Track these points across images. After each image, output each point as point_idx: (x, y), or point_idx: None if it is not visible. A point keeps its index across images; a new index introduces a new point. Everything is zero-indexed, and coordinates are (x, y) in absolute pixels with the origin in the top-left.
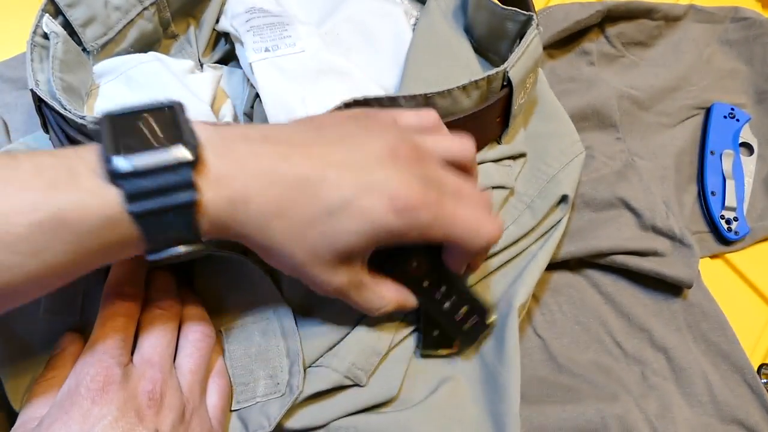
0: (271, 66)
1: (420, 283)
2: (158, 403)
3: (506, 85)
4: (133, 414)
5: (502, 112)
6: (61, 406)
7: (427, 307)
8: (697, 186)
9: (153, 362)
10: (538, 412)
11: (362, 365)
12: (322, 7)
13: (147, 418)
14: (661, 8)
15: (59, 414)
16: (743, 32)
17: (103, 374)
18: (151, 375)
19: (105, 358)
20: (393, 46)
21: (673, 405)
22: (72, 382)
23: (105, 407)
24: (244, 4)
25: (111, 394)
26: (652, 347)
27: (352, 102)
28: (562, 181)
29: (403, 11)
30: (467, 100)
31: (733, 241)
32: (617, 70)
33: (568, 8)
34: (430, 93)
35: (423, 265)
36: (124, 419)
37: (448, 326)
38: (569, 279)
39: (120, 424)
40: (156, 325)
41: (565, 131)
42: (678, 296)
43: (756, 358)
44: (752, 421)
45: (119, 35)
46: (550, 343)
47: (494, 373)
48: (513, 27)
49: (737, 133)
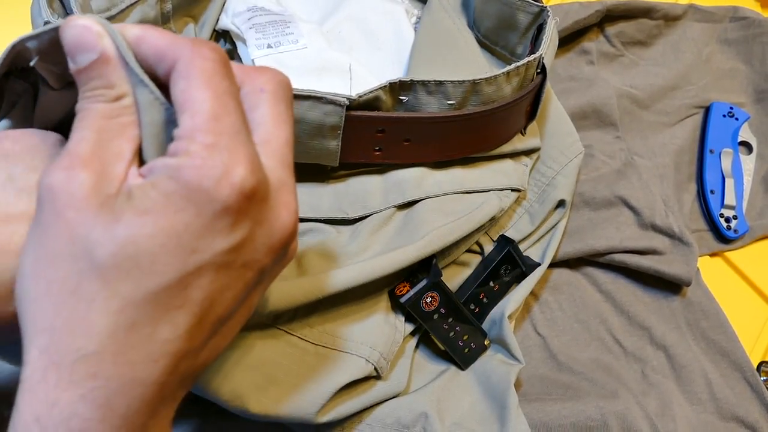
0: (274, 62)
1: (432, 316)
2: (285, 245)
3: (539, 72)
4: (265, 242)
5: (533, 101)
6: (168, 196)
7: (436, 335)
8: (697, 184)
9: (287, 182)
10: (539, 410)
11: (387, 355)
12: (324, 6)
13: (276, 252)
14: (660, 8)
15: (163, 207)
16: (742, 32)
17: (249, 172)
18: (288, 202)
19: (247, 149)
20: (394, 44)
21: (673, 402)
22: (190, 168)
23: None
24: (245, 2)
25: (253, 207)
26: (652, 345)
27: (397, 82)
28: (559, 185)
29: (404, 10)
30: (509, 86)
31: (733, 240)
32: (617, 69)
33: (568, 8)
34: (478, 79)
35: (435, 300)
36: (252, 245)
37: (452, 351)
38: (569, 277)
39: (245, 253)
40: (277, 106)
41: (564, 130)
42: (677, 294)
43: (755, 356)
44: (752, 418)
45: (121, 14)
46: (550, 341)
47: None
48: (525, 18)
49: (736, 132)
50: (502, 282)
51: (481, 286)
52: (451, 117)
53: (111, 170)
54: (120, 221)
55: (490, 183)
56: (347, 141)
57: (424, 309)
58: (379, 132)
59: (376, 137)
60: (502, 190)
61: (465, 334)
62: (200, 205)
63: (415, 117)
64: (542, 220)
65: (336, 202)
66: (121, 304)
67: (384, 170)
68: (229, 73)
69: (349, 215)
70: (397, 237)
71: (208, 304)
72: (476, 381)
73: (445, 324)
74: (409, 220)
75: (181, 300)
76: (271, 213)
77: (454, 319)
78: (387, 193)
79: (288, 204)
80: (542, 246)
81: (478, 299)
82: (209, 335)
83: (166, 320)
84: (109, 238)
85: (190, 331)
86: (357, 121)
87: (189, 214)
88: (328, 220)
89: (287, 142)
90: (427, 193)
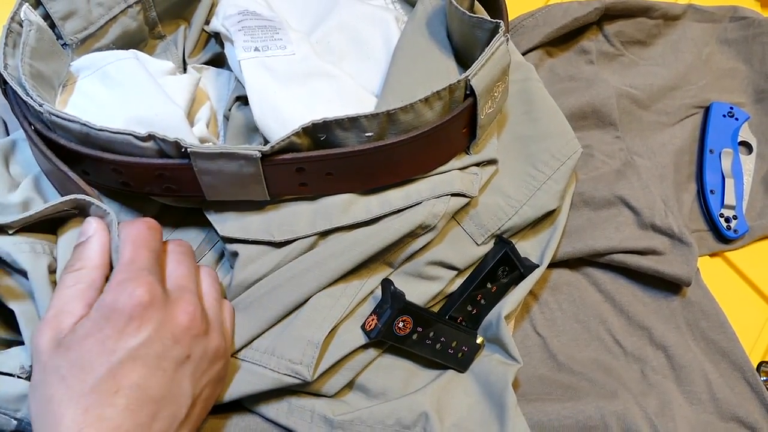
0: (260, 65)
1: (410, 338)
2: (197, 327)
3: (469, 95)
4: (169, 336)
5: (468, 122)
6: (95, 321)
7: (422, 352)
8: (697, 184)
9: (189, 288)
10: (538, 410)
11: (300, 359)
12: (314, 13)
13: (182, 341)
14: (659, 7)
15: (92, 329)
16: (742, 31)
17: (145, 290)
18: (189, 299)
19: (145, 275)
20: (384, 52)
21: (673, 403)
22: (108, 297)
23: (143, 326)
24: (236, 6)
25: (150, 312)
26: (652, 345)
27: (310, 126)
28: (551, 190)
29: (394, 17)
30: (430, 112)
31: (733, 240)
32: (616, 69)
33: (567, 6)
34: (392, 110)
35: (407, 323)
36: (159, 340)
37: (445, 360)
38: (569, 277)
39: (154, 346)
40: (182, 258)
41: (558, 131)
42: (677, 294)
43: (755, 356)
44: (751, 419)
45: (100, 31)
46: (549, 342)
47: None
48: (482, 35)
49: (736, 132)
50: (500, 284)
51: (478, 288)
52: (369, 149)
53: (63, 325)
54: (69, 349)
55: (426, 195)
56: (271, 182)
57: (399, 334)
58: (299, 170)
59: (299, 175)
60: (439, 197)
61: (453, 341)
62: (114, 319)
63: (333, 153)
64: (531, 223)
65: (264, 225)
66: (76, 397)
67: (316, 196)
68: (155, 236)
69: (275, 238)
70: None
71: (138, 387)
72: (475, 381)
73: (427, 340)
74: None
75: (115, 386)
76: (170, 315)
77: (435, 333)
78: (315, 218)
79: (186, 307)
80: (541, 246)
81: (476, 301)
82: (153, 411)
83: (108, 403)
84: (64, 360)
85: (131, 409)
86: (276, 164)
87: (108, 327)
88: (255, 241)
89: (185, 275)
90: (355, 218)
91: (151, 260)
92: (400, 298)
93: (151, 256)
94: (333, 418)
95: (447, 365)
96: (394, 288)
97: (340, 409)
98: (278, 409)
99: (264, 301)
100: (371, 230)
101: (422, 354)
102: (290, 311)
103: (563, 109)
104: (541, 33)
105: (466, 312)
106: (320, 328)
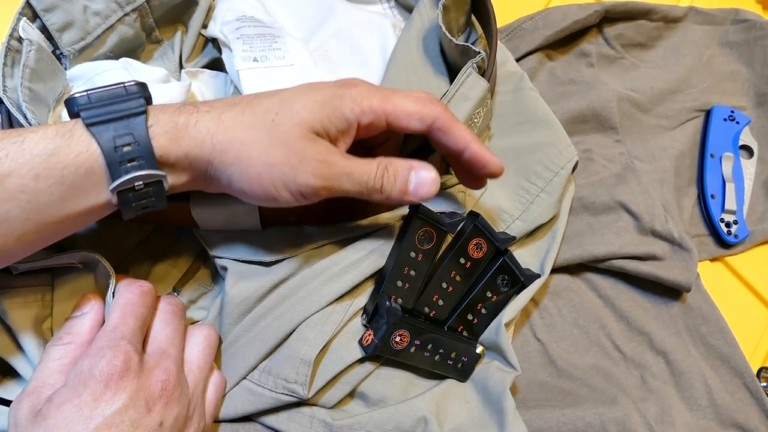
0: (259, 76)
1: (408, 350)
2: (169, 395)
3: None
4: (142, 403)
5: (441, 158)
6: (72, 388)
7: (421, 364)
8: (697, 189)
9: (168, 353)
10: (538, 416)
11: (294, 378)
12: (312, 19)
13: (155, 409)
14: (659, 9)
15: (70, 396)
16: (743, 34)
17: (122, 359)
18: (166, 366)
19: (123, 344)
20: (381, 60)
21: (673, 409)
22: (86, 363)
23: (117, 393)
24: (234, 11)
25: (125, 381)
26: (652, 351)
27: None
28: (544, 203)
29: (391, 24)
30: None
31: (733, 244)
32: (617, 72)
33: (567, 9)
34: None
35: (404, 336)
36: (133, 408)
37: (444, 371)
38: (568, 282)
39: (129, 413)
40: (170, 318)
41: (551, 140)
42: (677, 300)
43: (755, 362)
44: (752, 425)
45: (98, 40)
46: (549, 347)
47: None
48: (467, 60)
49: (737, 136)
50: (501, 293)
51: (478, 297)
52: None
53: (41, 397)
54: (46, 418)
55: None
56: (267, 218)
57: (396, 348)
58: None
59: (291, 210)
60: None
61: (452, 352)
62: (91, 386)
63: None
64: (524, 235)
65: (254, 246)
66: None
67: None
68: (145, 302)
69: (264, 259)
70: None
71: None
72: (474, 388)
73: (426, 351)
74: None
75: None
76: (145, 383)
77: (433, 344)
78: (302, 239)
79: (160, 375)
80: (540, 255)
81: (476, 310)
82: None
83: None
84: (41, 428)
85: None
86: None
87: (86, 393)
88: (245, 261)
89: (169, 337)
90: (336, 235)
91: (134, 327)
92: (395, 313)
93: (135, 323)
94: (332, 423)
95: (447, 375)
96: (389, 303)
97: (339, 414)
98: (278, 414)
99: (260, 335)
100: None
101: (421, 365)
102: (286, 337)
103: (563, 113)
104: (541, 36)
105: (466, 322)
106: (312, 345)
